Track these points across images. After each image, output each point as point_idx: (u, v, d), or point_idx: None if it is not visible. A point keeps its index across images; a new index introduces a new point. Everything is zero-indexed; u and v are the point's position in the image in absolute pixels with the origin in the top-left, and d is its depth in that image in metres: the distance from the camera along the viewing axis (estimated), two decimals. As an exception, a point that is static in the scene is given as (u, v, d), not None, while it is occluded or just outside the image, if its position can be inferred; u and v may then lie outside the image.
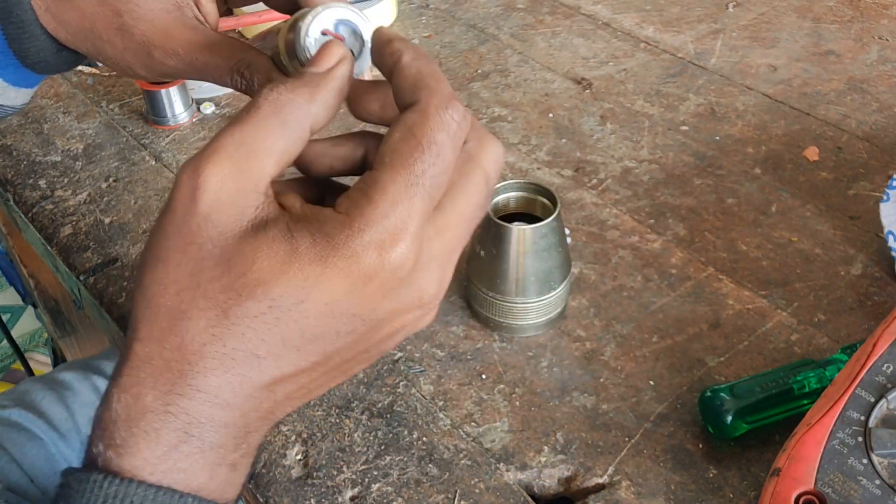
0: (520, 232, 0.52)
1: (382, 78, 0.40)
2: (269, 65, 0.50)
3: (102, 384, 0.77)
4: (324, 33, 0.41)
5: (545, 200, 0.55)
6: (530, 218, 0.55)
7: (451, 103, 0.36)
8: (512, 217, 0.55)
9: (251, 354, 0.36)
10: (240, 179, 0.35)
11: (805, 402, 0.48)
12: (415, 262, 0.35)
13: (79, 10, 0.51)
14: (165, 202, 0.36)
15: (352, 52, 0.40)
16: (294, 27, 0.42)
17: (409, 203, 0.35)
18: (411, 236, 0.35)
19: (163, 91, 0.76)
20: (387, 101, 0.40)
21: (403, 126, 0.36)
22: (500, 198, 0.55)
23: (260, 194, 0.36)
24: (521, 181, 0.55)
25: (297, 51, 0.41)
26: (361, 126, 0.43)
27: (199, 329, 0.36)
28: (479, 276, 0.55)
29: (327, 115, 0.39)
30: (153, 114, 0.78)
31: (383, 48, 0.39)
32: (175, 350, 0.36)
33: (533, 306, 0.54)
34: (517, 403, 0.52)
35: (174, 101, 0.77)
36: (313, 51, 0.40)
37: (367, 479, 0.48)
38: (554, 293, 0.54)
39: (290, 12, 0.52)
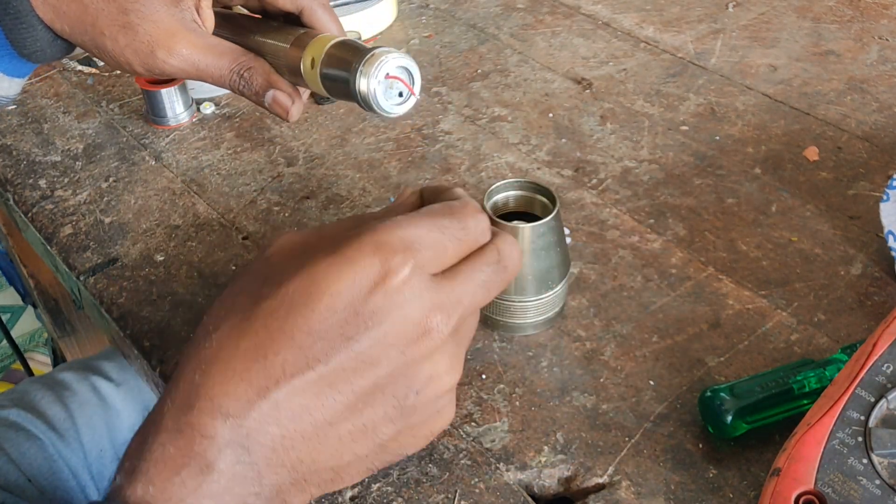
0: (518, 231, 0.52)
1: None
2: (269, 68, 0.54)
3: (101, 384, 0.77)
4: (386, 77, 0.48)
5: (544, 199, 0.55)
6: (529, 217, 0.54)
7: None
8: (511, 216, 0.55)
9: (260, 355, 0.36)
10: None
11: (805, 402, 0.48)
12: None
13: (80, 4, 0.51)
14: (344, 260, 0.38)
15: (409, 90, 0.49)
16: (354, 66, 0.48)
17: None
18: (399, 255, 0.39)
19: (163, 91, 0.76)
20: None
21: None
22: (499, 196, 0.55)
23: None
24: (521, 180, 0.55)
25: (358, 88, 0.48)
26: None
27: (222, 334, 0.37)
28: None
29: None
30: (153, 114, 0.78)
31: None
32: (193, 364, 0.37)
33: (531, 305, 0.54)
34: (517, 403, 0.52)
35: (174, 101, 0.77)
36: (380, 93, 0.48)
37: (367, 479, 0.48)
38: (552, 292, 0.54)
39: (263, 13, 0.57)
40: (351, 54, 0.49)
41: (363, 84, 0.48)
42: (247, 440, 0.36)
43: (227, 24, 0.58)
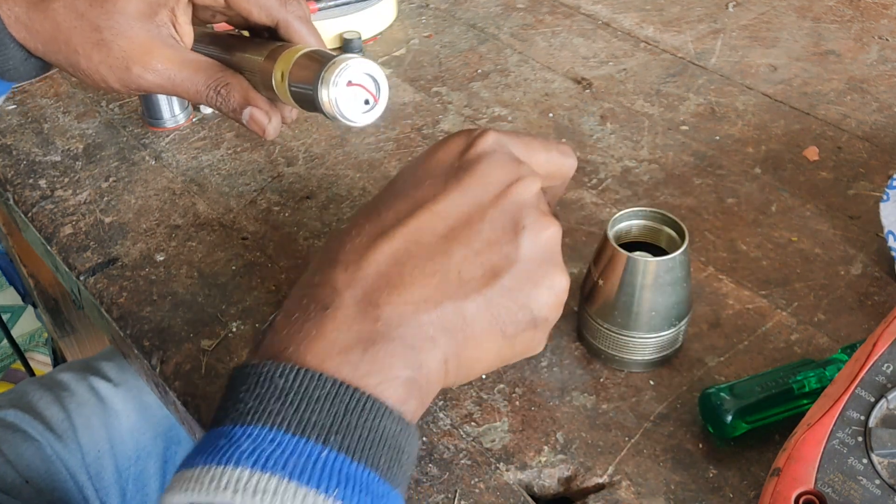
0: (644, 264, 0.49)
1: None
2: (247, 85, 0.55)
3: (100, 385, 0.77)
4: (349, 85, 0.47)
5: (672, 232, 0.51)
6: (654, 248, 0.52)
7: None
8: (634, 245, 0.52)
9: (374, 213, 0.42)
10: None
11: (805, 402, 0.48)
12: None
13: (53, 23, 0.51)
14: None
15: (374, 98, 0.48)
16: (317, 75, 0.47)
17: None
18: None
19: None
20: None
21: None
22: (622, 224, 0.52)
23: None
24: (647, 209, 0.52)
25: (320, 97, 0.47)
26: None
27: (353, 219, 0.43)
28: (594, 305, 0.52)
29: None
30: (149, 116, 0.78)
31: None
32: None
33: (651, 342, 0.51)
34: (517, 403, 0.52)
35: (171, 103, 0.77)
36: (342, 101, 0.47)
37: (366, 479, 0.48)
38: (674, 329, 0.51)
39: (249, 30, 0.58)
40: (315, 64, 0.48)
41: (324, 94, 0.47)
42: (364, 283, 0.39)
43: (208, 40, 0.57)
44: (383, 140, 0.75)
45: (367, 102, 0.48)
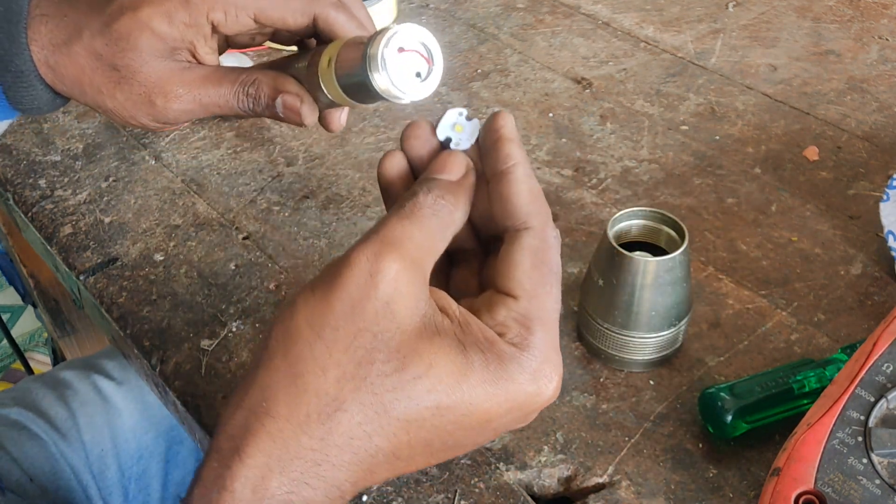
0: (644, 264, 0.49)
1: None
2: (273, 73, 0.52)
3: (103, 383, 0.77)
4: (400, 51, 0.43)
5: (671, 231, 0.52)
6: (654, 248, 0.52)
7: (554, 226, 0.40)
8: (634, 245, 0.52)
9: (391, 455, 0.35)
10: (414, 274, 0.36)
11: (805, 401, 0.48)
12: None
13: (77, 66, 0.52)
14: (329, 276, 0.36)
15: (428, 63, 0.43)
16: (364, 49, 0.43)
17: (556, 333, 0.38)
18: (560, 369, 0.38)
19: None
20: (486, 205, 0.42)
21: (530, 252, 0.38)
22: (622, 224, 0.52)
23: (426, 291, 0.36)
24: (647, 209, 0.52)
25: (370, 70, 0.43)
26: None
27: (352, 423, 0.34)
28: (594, 305, 0.52)
29: (464, 220, 0.40)
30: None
31: (499, 145, 0.40)
32: (318, 440, 0.34)
33: (651, 342, 0.52)
34: (517, 403, 0.52)
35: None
36: (395, 71, 0.42)
37: (366, 479, 0.48)
38: (674, 329, 0.52)
39: (299, 44, 0.55)
40: (360, 42, 0.44)
41: (375, 63, 0.42)
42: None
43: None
44: (383, 140, 0.75)
45: (418, 75, 0.43)
